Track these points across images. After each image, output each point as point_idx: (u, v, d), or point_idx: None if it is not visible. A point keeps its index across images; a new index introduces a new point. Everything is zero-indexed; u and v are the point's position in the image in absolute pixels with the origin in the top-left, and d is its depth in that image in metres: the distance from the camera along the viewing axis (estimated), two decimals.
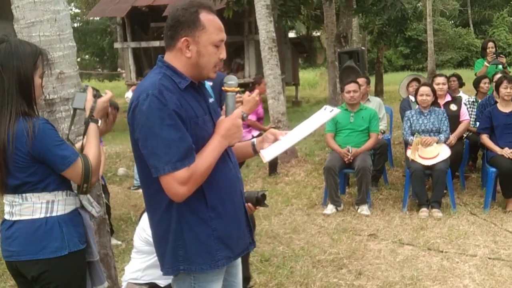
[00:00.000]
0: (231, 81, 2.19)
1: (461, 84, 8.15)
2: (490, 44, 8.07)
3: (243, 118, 2.11)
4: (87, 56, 35.46)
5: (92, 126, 2.39)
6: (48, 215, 2.26)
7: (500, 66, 7.76)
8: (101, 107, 2.42)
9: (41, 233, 2.24)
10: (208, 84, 5.34)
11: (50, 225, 2.26)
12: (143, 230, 3.03)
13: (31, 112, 2.24)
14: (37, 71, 2.26)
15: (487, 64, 7.97)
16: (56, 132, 2.26)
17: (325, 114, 2.42)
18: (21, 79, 2.20)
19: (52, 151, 2.19)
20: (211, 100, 2.19)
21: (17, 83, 2.20)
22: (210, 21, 2.05)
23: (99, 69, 35.86)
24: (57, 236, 2.26)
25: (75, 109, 2.50)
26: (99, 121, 2.42)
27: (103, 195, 3.28)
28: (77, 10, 34.21)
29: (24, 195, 2.25)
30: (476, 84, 7.54)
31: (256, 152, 2.36)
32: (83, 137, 2.42)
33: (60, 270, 2.28)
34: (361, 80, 6.88)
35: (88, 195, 2.44)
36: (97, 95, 2.46)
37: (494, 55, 7.81)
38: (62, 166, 2.22)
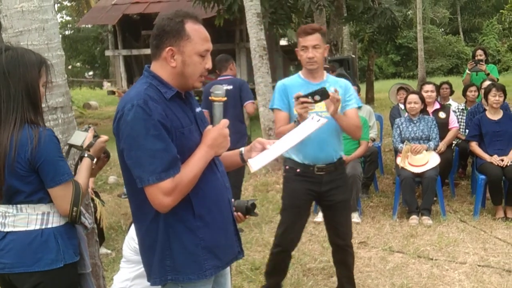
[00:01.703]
0: (218, 91, 2.20)
1: (451, 92, 8.21)
2: (479, 52, 8.14)
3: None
4: (78, 64, 35.36)
5: (86, 161, 2.42)
6: (43, 226, 2.24)
7: (483, 73, 7.83)
8: (99, 146, 2.46)
9: (36, 245, 2.22)
10: (228, 87, 5.65)
11: (45, 236, 2.24)
12: (133, 240, 3.01)
13: (38, 121, 2.24)
14: (41, 79, 2.28)
15: (468, 72, 8.07)
16: (60, 147, 2.26)
17: (313, 124, 2.43)
18: (27, 87, 2.21)
19: (50, 163, 2.18)
20: (198, 109, 2.19)
21: (23, 90, 2.20)
22: (195, 31, 2.06)
23: (91, 77, 35.77)
24: (53, 248, 2.24)
25: (70, 146, 2.54)
26: (95, 159, 2.44)
27: (91, 204, 3.26)
28: (68, 18, 34.17)
29: (19, 206, 2.23)
30: (464, 92, 7.61)
31: (244, 161, 2.36)
32: (74, 171, 2.43)
33: (55, 282, 2.26)
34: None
35: (81, 208, 2.41)
36: (97, 136, 2.50)
37: (474, 63, 7.89)
38: (53, 182, 2.21)
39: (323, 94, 3.11)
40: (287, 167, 3.64)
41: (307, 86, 3.37)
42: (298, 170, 3.55)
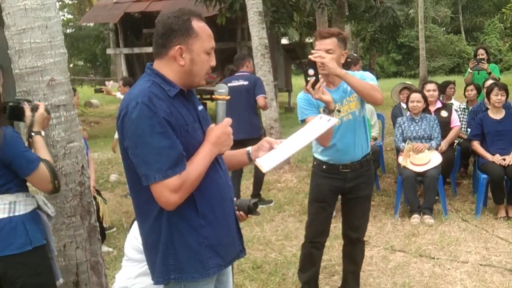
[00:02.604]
0: (222, 89, 2.19)
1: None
2: (481, 51, 8.13)
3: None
4: (81, 62, 35.35)
5: (37, 139, 2.60)
6: (11, 214, 2.45)
7: (484, 73, 7.82)
8: (41, 119, 2.64)
9: (6, 232, 2.42)
10: (244, 83, 6.46)
11: (14, 223, 2.44)
12: (135, 238, 3.01)
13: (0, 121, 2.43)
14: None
15: (470, 71, 8.07)
16: (22, 140, 2.47)
17: (323, 124, 2.40)
18: None
19: (20, 157, 2.40)
20: (200, 107, 2.19)
21: None
22: (201, 28, 2.06)
23: (92, 75, 35.76)
24: (22, 233, 2.45)
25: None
26: (42, 132, 2.64)
27: (94, 202, 3.27)
28: (70, 16, 34.14)
29: None
30: (464, 91, 7.61)
31: (251, 160, 2.35)
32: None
33: (26, 265, 2.46)
34: None
35: (43, 197, 2.65)
36: (34, 108, 2.65)
37: (475, 62, 7.88)
38: (27, 170, 2.43)
39: (309, 64, 3.01)
40: (315, 162, 3.72)
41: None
42: (324, 166, 3.60)
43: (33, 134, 2.60)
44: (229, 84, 6.08)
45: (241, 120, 5.90)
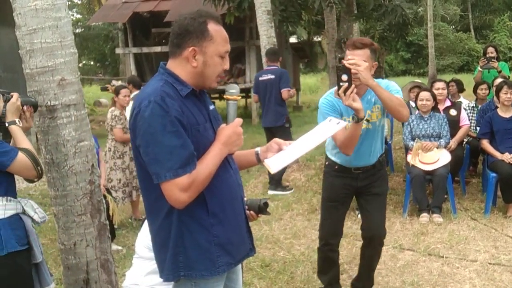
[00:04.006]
0: (233, 89, 2.21)
1: (461, 90, 8.16)
2: (490, 49, 8.09)
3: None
4: (91, 62, 35.53)
5: (12, 128, 2.64)
6: None
7: (494, 71, 7.78)
8: (13, 108, 2.66)
9: None
10: (271, 76, 7.22)
11: None
12: (146, 237, 3.03)
13: None
14: None
15: (480, 69, 8.02)
16: None
17: (332, 127, 2.40)
18: None
19: None
20: (211, 107, 2.20)
21: None
22: (217, 32, 2.07)
23: (101, 75, 35.92)
24: None
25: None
26: (17, 121, 2.66)
27: (103, 201, 3.29)
28: (79, 16, 34.30)
29: None
30: (475, 90, 7.57)
31: (259, 161, 2.36)
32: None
33: (1, 270, 2.46)
34: None
35: (32, 202, 2.67)
36: (7, 98, 2.67)
37: (485, 60, 7.84)
38: (6, 162, 2.47)
39: (343, 70, 2.98)
40: (327, 162, 3.73)
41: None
42: (336, 167, 3.62)
43: (7, 125, 2.64)
44: (260, 78, 7.37)
45: (269, 110, 7.21)
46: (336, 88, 3.06)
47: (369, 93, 3.33)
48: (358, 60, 3.08)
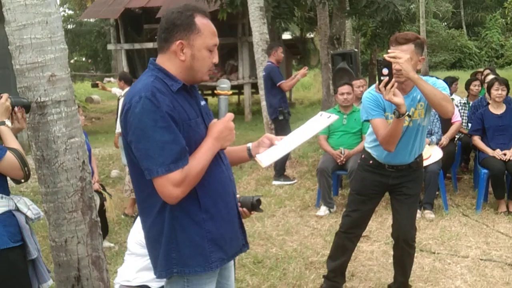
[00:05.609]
0: (224, 84, 2.20)
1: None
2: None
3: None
4: (83, 59, 35.37)
5: (1, 129, 2.62)
6: None
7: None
8: (1, 109, 2.64)
9: None
10: (263, 73, 7.54)
11: None
12: (138, 233, 3.02)
13: None
14: None
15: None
16: None
17: (322, 121, 2.40)
18: None
19: None
20: (202, 103, 2.20)
21: None
22: (205, 25, 2.06)
23: (93, 71, 35.77)
24: None
25: None
26: (6, 122, 2.64)
27: (94, 198, 3.28)
28: (70, 12, 34.12)
29: None
30: (467, 86, 7.59)
31: (251, 156, 2.36)
32: None
33: None
34: (359, 82, 6.86)
35: (26, 199, 2.65)
36: None
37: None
38: None
39: (384, 64, 2.93)
40: (363, 156, 3.70)
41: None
42: (370, 161, 3.59)
43: None
44: (262, 74, 7.79)
45: (267, 105, 7.74)
46: (377, 82, 3.03)
47: (415, 90, 3.24)
48: (399, 52, 3.00)
